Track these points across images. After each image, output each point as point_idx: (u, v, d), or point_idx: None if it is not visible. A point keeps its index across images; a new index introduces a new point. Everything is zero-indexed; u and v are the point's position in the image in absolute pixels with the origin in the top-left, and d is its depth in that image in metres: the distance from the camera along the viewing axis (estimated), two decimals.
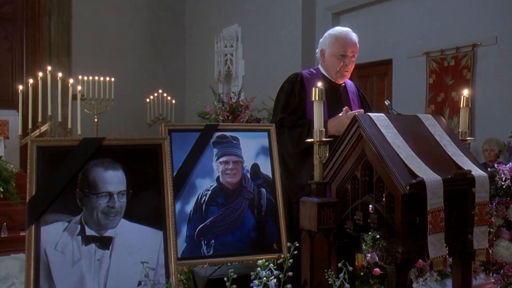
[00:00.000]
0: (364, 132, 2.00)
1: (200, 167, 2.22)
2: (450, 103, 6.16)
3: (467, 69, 5.92)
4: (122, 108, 9.08)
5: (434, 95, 6.30)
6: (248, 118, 6.96)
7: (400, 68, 6.74)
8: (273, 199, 2.32)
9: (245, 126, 2.41)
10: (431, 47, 6.27)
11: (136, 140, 1.66)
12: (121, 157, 1.61)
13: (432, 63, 6.29)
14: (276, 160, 2.37)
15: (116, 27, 9.76)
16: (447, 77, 6.14)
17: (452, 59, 6.06)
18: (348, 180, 2.10)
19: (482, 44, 5.79)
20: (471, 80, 5.88)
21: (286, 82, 2.80)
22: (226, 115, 6.88)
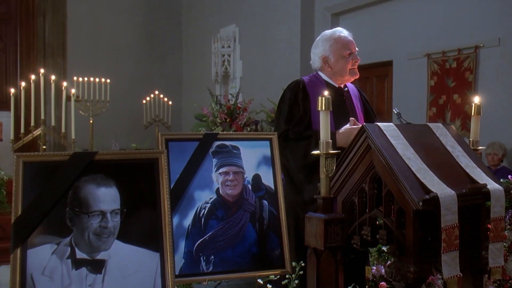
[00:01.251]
0: (373, 143, 1.89)
1: (199, 179, 2.10)
2: (452, 105, 6.08)
3: (470, 71, 5.84)
4: (118, 109, 9.01)
5: (436, 98, 6.22)
6: (246, 121, 6.88)
7: (401, 70, 6.66)
8: (276, 212, 2.21)
9: (246, 135, 2.30)
10: (433, 48, 6.20)
11: (131, 154, 1.54)
12: (114, 173, 1.49)
13: (434, 65, 6.21)
14: (278, 170, 2.26)
15: (112, 27, 9.67)
16: (448, 79, 6.07)
17: (454, 61, 5.98)
18: (355, 193, 1.99)
19: (484, 46, 5.70)
20: (474, 82, 5.80)
21: (288, 91, 2.71)
22: (223, 118, 6.80)
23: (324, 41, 2.78)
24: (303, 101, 2.64)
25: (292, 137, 2.57)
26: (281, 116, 2.66)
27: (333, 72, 2.75)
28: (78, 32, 9.29)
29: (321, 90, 2.64)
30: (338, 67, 2.72)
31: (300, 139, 2.56)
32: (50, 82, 5.27)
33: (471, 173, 1.93)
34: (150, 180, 1.56)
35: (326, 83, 2.75)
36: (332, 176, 1.89)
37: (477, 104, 2.28)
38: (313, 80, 2.77)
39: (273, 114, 7.05)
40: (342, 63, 2.71)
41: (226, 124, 6.75)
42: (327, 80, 2.77)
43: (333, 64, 2.74)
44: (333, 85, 2.76)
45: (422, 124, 2.12)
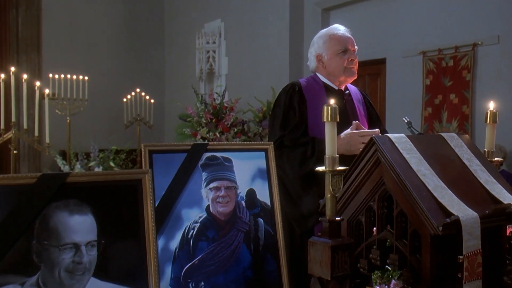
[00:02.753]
0: (384, 157, 1.74)
1: (187, 195, 1.93)
2: (449, 106, 5.98)
3: (467, 70, 5.76)
4: (97, 108, 8.83)
5: (431, 97, 6.13)
6: (233, 121, 6.71)
7: (395, 68, 6.55)
8: (272, 231, 2.05)
9: (239, 145, 2.13)
10: (428, 46, 6.10)
11: (110, 175, 1.36)
12: (90, 198, 1.31)
13: (429, 63, 6.12)
14: (275, 184, 2.10)
15: (90, 21, 9.44)
16: (445, 78, 5.98)
17: (451, 59, 5.90)
18: (361, 212, 1.85)
19: (483, 44, 5.62)
20: (471, 82, 5.72)
21: (283, 94, 2.58)
22: (209, 118, 6.62)
23: (319, 39, 2.66)
24: (299, 105, 2.52)
25: (287, 144, 2.45)
26: (275, 122, 2.54)
27: (328, 72, 2.63)
28: (54, 26, 9.03)
29: (319, 92, 2.54)
30: (332, 66, 2.61)
31: (296, 146, 2.44)
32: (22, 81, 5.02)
33: (491, 190, 1.79)
34: (132, 205, 1.38)
35: (324, 85, 2.61)
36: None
37: (492, 111, 2.14)
38: (311, 82, 2.64)
39: (260, 113, 6.93)
40: (336, 60, 2.59)
41: (211, 125, 6.59)
42: (326, 82, 2.65)
43: (327, 62, 2.62)
44: (332, 87, 2.63)
45: (435, 135, 1.99)
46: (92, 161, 5.57)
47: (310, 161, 2.37)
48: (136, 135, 8.21)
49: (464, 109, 5.82)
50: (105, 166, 5.52)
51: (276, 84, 7.20)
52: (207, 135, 6.48)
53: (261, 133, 6.75)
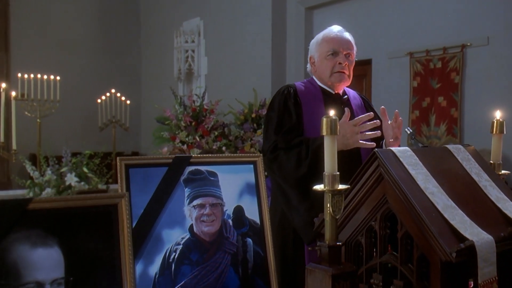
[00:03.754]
0: (387, 174, 1.61)
1: (168, 214, 1.78)
2: (437, 109, 5.93)
3: (456, 72, 5.70)
4: (70, 110, 8.68)
5: (419, 100, 6.06)
6: (213, 124, 6.58)
7: (380, 69, 6.48)
8: (262, 252, 1.90)
9: (225, 158, 1.98)
10: (416, 47, 6.03)
11: (80, 200, 1.19)
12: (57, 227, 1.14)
13: (417, 65, 6.06)
14: (265, 200, 1.95)
15: (62, 17, 9.22)
16: (433, 80, 5.91)
17: (439, 60, 5.84)
18: (361, 232, 1.73)
19: (472, 45, 5.55)
20: (460, 84, 5.66)
21: (277, 97, 2.48)
22: (188, 121, 6.48)
23: (314, 40, 2.58)
24: (294, 107, 2.42)
25: (281, 146, 2.35)
26: (270, 126, 2.44)
27: (319, 75, 2.55)
28: (23, 23, 8.79)
29: (315, 96, 2.43)
30: (321, 69, 2.53)
31: (290, 147, 2.34)
32: None
33: (504, 209, 1.68)
34: (106, 234, 1.21)
35: (321, 89, 2.52)
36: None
37: (499, 121, 2.02)
38: (307, 85, 2.56)
39: (242, 116, 6.81)
40: (324, 63, 2.51)
41: (191, 128, 6.45)
42: (322, 86, 2.54)
43: (317, 65, 2.55)
44: (329, 91, 2.53)
45: (441, 147, 1.88)
46: (64, 167, 5.36)
47: (305, 162, 2.27)
48: (112, 138, 8.07)
49: (453, 112, 5.77)
50: (78, 171, 5.32)
51: (258, 85, 7.14)
52: (186, 139, 6.36)
53: (243, 136, 6.64)
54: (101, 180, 5.48)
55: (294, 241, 2.36)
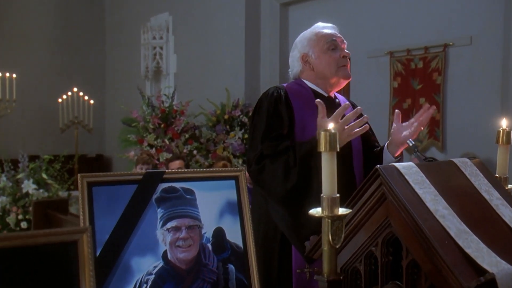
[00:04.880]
0: (391, 193, 1.47)
1: (138, 239, 1.61)
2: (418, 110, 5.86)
3: (438, 72, 5.68)
4: (28, 110, 8.53)
5: (400, 101, 6.01)
6: (184, 126, 6.46)
7: (359, 69, 6.34)
8: (246, 280, 1.74)
9: (203, 173, 1.82)
10: (396, 46, 5.97)
11: (30, 238, 1.00)
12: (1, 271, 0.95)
13: (397, 65, 6.02)
14: (248, 220, 1.79)
15: (19, 9, 8.97)
16: (414, 80, 5.88)
17: (420, 60, 5.80)
18: (359, 258, 1.60)
19: (455, 45, 5.53)
20: (442, 85, 5.64)
21: (265, 100, 2.30)
22: (157, 123, 6.35)
23: (303, 39, 2.43)
24: (286, 111, 2.25)
25: (266, 152, 2.18)
26: (256, 133, 2.26)
27: (317, 74, 2.38)
28: None
29: (307, 99, 2.27)
30: (322, 66, 2.35)
31: (276, 154, 2.17)
32: None
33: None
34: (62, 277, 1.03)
35: (312, 91, 2.36)
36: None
37: (505, 130, 1.89)
38: (296, 87, 2.37)
39: (214, 117, 6.70)
40: (326, 58, 2.34)
41: (160, 130, 6.31)
42: (313, 88, 2.38)
43: (315, 62, 2.37)
44: (322, 93, 2.37)
45: (446, 161, 1.73)
46: (20, 173, 5.12)
47: (294, 171, 2.13)
48: (74, 140, 7.93)
49: (435, 114, 5.72)
50: (36, 178, 5.06)
51: (230, 84, 7.01)
52: (155, 142, 6.26)
53: (215, 138, 6.53)
54: (62, 187, 5.25)
55: (279, 264, 2.21)
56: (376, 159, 2.33)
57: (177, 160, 5.09)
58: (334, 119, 2.04)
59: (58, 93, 8.18)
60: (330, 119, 2.04)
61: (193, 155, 6.36)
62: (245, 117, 6.52)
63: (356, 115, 2.11)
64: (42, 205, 4.60)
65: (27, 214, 4.88)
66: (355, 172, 2.34)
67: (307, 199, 2.04)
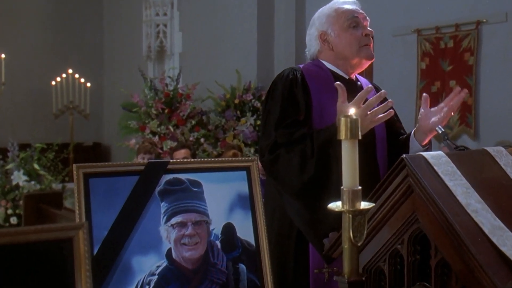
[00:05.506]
0: (419, 186, 1.48)
1: (140, 237, 1.65)
2: (448, 94, 5.86)
3: (470, 52, 5.73)
4: (18, 93, 8.58)
5: (428, 84, 6.07)
6: (190, 111, 6.50)
7: (383, 48, 6.40)
8: (259, 281, 1.77)
9: (211, 163, 1.87)
10: (424, 23, 6.03)
11: (21, 235, 1.02)
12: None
13: (425, 44, 6.07)
14: (261, 215, 1.81)
15: None
16: (444, 61, 5.94)
17: (451, 39, 5.85)
18: (383, 257, 1.63)
19: (488, 22, 5.57)
20: (474, 66, 5.69)
21: (280, 83, 2.32)
22: (160, 108, 6.40)
23: (321, 15, 2.43)
24: (302, 95, 2.27)
25: (281, 141, 2.20)
26: (269, 120, 2.28)
27: (336, 54, 2.39)
28: None
29: (326, 82, 2.29)
30: (342, 44, 2.35)
31: (291, 143, 2.19)
32: None
33: None
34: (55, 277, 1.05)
35: (332, 73, 2.37)
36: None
37: None
38: (313, 69, 2.39)
39: (223, 102, 6.77)
40: (347, 36, 2.34)
41: (163, 116, 6.36)
42: (333, 69, 2.39)
43: (334, 40, 2.37)
44: (342, 76, 2.38)
45: (479, 150, 1.76)
46: (10, 163, 5.20)
47: (311, 162, 2.15)
48: (69, 127, 7.96)
49: (466, 99, 5.76)
50: (27, 168, 5.13)
51: (241, 65, 7.06)
52: (158, 129, 6.30)
53: (224, 125, 6.60)
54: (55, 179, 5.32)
55: (295, 264, 2.24)
56: (401, 148, 2.33)
57: (183, 149, 5.14)
58: (356, 104, 2.05)
59: (51, 75, 8.23)
60: (351, 103, 2.06)
61: (200, 143, 6.43)
62: (257, 102, 6.56)
63: (380, 99, 2.12)
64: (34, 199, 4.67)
65: (17, 208, 4.97)
66: (379, 162, 2.35)
67: (325, 192, 2.05)
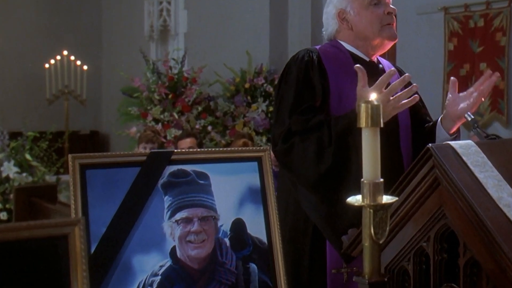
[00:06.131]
0: (446, 177, 1.51)
1: (141, 234, 1.67)
2: (478, 78, 5.86)
3: (501, 32, 5.73)
4: (8, 77, 8.66)
5: (456, 67, 6.08)
6: (196, 97, 6.52)
7: (407, 28, 6.41)
8: (270, 282, 1.78)
9: (220, 153, 1.90)
10: (452, 0, 6.04)
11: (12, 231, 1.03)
12: None
13: (453, 23, 6.07)
14: (273, 210, 1.83)
15: None
16: (473, 42, 5.94)
17: (481, 17, 5.85)
18: (407, 256, 1.67)
19: None
20: (507, 47, 5.69)
21: (294, 66, 2.34)
22: (164, 93, 6.42)
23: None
24: (319, 80, 2.29)
25: (295, 128, 2.22)
26: (282, 106, 2.31)
27: (356, 34, 2.40)
28: None
29: (345, 64, 2.32)
30: (363, 23, 2.37)
31: (307, 130, 2.21)
32: None
33: None
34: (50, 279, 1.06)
35: (351, 54, 2.39)
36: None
37: None
38: (331, 50, 2.41)
39: (232, 86, 6.80)
40: (367, 15, 2.36)
41: (167, 102, 6.38)
42: (352, 51, 2.41)
43: (354, 19, 2.39)
44: (362, 58, 2.40)
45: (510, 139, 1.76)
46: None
47: (328, 151, 2.18)
48: (63, 114, 8.03)
49: (498, 83, 5.79)
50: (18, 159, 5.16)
51: (252, 47, 7.09)
52: (161, 116, 6.32)
53: (233, 112, 6.63)
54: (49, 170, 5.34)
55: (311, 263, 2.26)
56: (427, 137, 2.34)
57: (188, 137, 5.17)
58: (377, 89, 2.07)
59: (45, 57, 8.28)
60: (372, 88, 2.07)
61: (207, 131, 6.46)
62: (269, 86, 6.58)
63: (403, 83, 2.13)
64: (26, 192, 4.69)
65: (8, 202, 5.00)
66: (403, 152, 2.37)
67: (344, 185, 2.09)
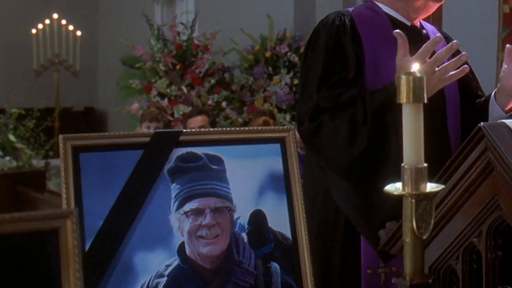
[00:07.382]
0: (500, 162, 1.56)
1: (144, 228, 1.70)
2: None
3: None
4: None
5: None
6: (208, 68, 6.55)
7: None
8: (295, 283, 1.82)
9: (236, 133, 1.95)
10: None
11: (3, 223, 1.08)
12: None
13: None
14: (299, 200, 1.86)
15: None
16: None
17: None
18: (456, 254, 1.73)
19: None
20: None
21: (323, 32, 2.38)
22: (171, 63, 6.46)
23: None
24: (352, 48, 2.32)
25: (325, 105, 2.26)
26: (309, 78, 2.35)
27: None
28: None
29: (383, 29, 2.36)
30: None
31: (339, 107, 2.25)
32: None
33: None
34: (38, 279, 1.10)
35: (389, 18, 2.42)
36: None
37: None
38: (366, 12, 2.46)
39: (251, 55, 6.81)
40: None
41: (174, 74, 6.44)
42: (391, 14, 2.44)
43: None
44: (403, 22, 2.43)
45: None
46: None
47: (363, 131, 2.21)
48: (53, 88, 8.15)
49: None
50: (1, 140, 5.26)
51: (274, 9, 7.13)
52: (167, 90, 6.36)
53: (252, 85, 6.64)
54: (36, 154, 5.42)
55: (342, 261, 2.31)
56: (479, 114, 2.37)
57: (199, 115, 5.21)
58: (421, 58, 2.09)
59: (32, 21, 8.39)
60: (415, 57, 2.10)
61: (222, 108, 6.49)
62: (294, 55, 6.58)
63: (451, 52, 2.16)
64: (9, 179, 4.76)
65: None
66: (450, 133, 2.40)
67: (381, 170, 2.13)
